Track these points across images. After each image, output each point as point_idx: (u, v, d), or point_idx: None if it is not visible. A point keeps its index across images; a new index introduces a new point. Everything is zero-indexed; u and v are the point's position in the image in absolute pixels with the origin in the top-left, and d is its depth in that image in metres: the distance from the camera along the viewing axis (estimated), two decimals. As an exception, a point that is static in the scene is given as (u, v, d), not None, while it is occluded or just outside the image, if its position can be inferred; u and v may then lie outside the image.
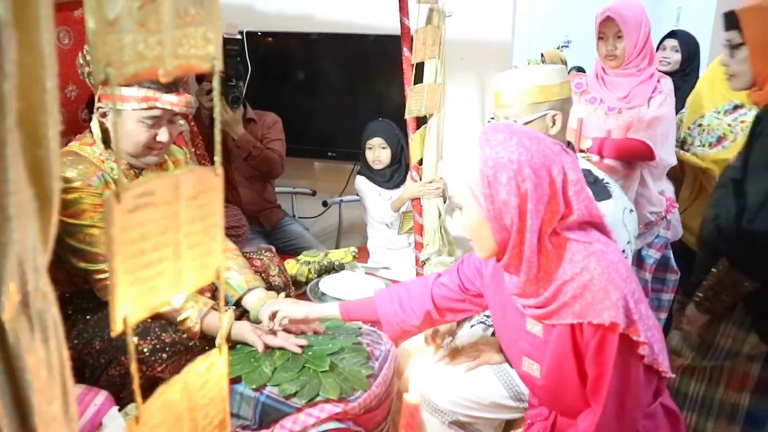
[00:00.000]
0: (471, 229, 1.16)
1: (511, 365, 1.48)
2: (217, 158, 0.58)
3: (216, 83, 0.55)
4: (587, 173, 1.48)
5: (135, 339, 1.43)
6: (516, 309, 1.24)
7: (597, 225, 1.16)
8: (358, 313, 1.53)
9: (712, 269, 1.56)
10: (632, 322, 1.06)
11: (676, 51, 2.89)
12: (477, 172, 1.09)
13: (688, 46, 2.89)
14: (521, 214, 1.08)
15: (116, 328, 0.48)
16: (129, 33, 0.45)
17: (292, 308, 1.53)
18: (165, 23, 0.49)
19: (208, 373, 0.65)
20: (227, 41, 2.36)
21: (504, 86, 1.53)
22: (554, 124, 1.50)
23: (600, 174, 1.52)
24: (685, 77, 2.83)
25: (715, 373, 1.72)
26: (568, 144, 1.59)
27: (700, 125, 2.30)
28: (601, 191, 1.46)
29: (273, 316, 1.54)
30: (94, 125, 1.52)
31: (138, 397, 0.52)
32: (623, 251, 1.46)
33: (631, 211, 1.51)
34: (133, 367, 0.51)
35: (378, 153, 2.51)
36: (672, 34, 2.92)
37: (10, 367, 0.39)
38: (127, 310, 0.49)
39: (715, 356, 1.67)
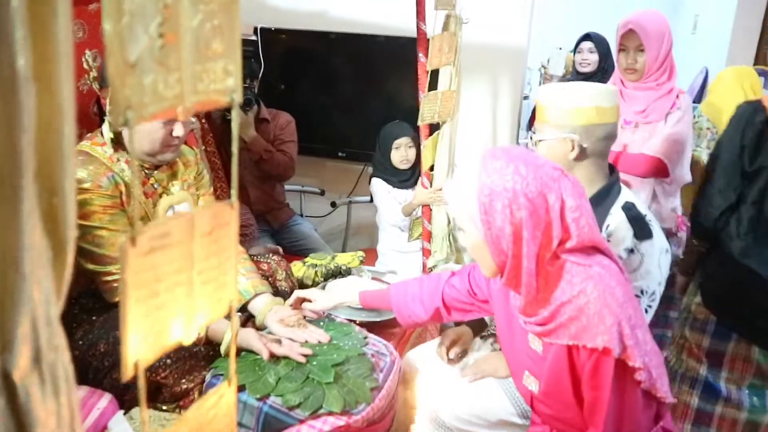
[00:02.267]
0: (472, 250, 1.21)
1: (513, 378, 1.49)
2: (234, 191, 0.56)
3: (235, 114, 0.54)
4: (631, 206, 1.45)
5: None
6: (521, 325, 1.26)
7: (600, 249, 1.17)
8: (375, 302, 1.65)
9: None
10: (627, 348, 1.07)
11: (592, 52, 3.15)
12: (474, 199, 1.13)
13: (601, 45, 3.16)
14: (516, 240, 1.11)
15: (127, 374, 0.47)
16: (149, 73, 0.44)
17: (319, 297, 1.63)
18: (185, 60, 0.47)
19: (216, 407, 0.64)
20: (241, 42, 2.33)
21: (542, 100, 1.49)
22: (573, 149, 1.45)
23: (643, 209, 1.48)
24: (603, 75, 3.05)
25: (680, 343, 2.02)
26: (612, 169, 1.54)
27: None
28: (642, 229, 1.43)
29: (299, 303, 1.63)
30: (105, 128, 1.51)
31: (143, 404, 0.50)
32: (653, 292, 1.45)
33: (667, 251, 1.48)
34: (143, 387, 0.50)
35: (406, 152, 2.49)
36: (586, 37, 3.17)
37: (20, 422, 0.38)
38: (138, 353, 0.48)
39: (683, 311, 2.04)
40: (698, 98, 3.57)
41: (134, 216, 0.71)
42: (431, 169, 2.25)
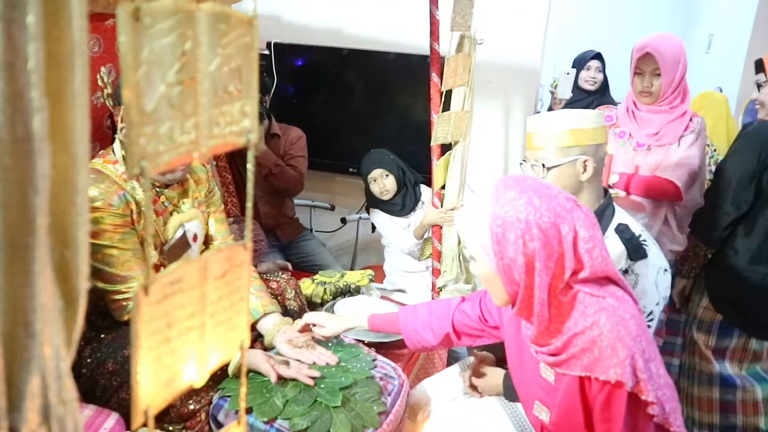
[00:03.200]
0: (484, 280, 1.19)
1: (520, 404, 1.48)
2: (248, 233, 0.56)
3: (251, 156, 0.53)
4: (624, 228, 1.46)
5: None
6: (531, 354, 1.25)
7: (613, 280, 1.16)
8: (384, 326, 1.64)
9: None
10: (640, 381, 1.06)
11: (600, 71, 3.19)
12: (486, 230, 1.11)
13: (605, 66, 3.25)
14: (529, 271, 1.10)
15: (138, 422, 0.46)
16: (165, 121, 0.43)
17: (329, 322, 1.60)
18: (202, 105, 0.47)
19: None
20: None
21: (536, 128, 1.49)
22: (585, 170, 1.45)
23: (637, 230, 1.48)
24: (603, 95, 3.19)
25: (691, 347, 2.21)
26: (605, 191, 1.55)
27: None
28: (635, 250, 1.43)
29: (307, 328, 1.61)
30: (117, 145, 1.52)
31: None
32: (650, 312, 1.44)
33: (665, 270, 1.47)
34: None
35: (383, 183, 2.45)
36: (597, 56, 3.20)
37: (26, 479, 0.37)
38: (149, 400, 0.47)
39: (689, 312, 2.21)
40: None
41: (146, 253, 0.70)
42: (443, 188, 2.24)
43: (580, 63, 3.19)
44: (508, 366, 1.48)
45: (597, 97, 3.15)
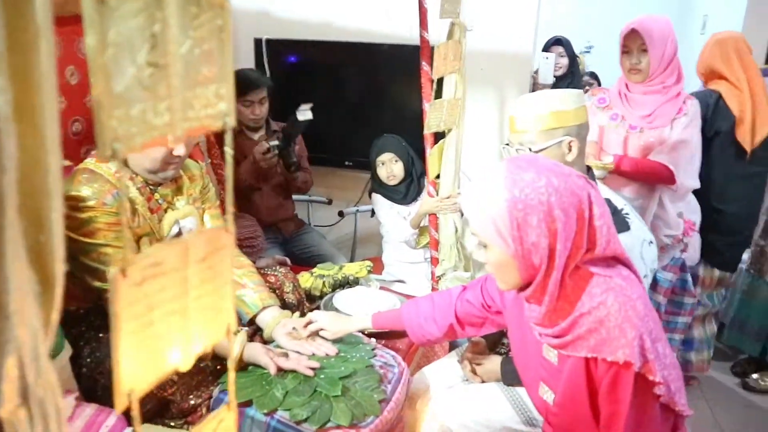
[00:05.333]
0: (496, 267, 1.15)
1: (519, 388, 1.48)
2: (229, 212, 0.56)
3: (228, 139, 0.53)
4: (607, 202, 1.45)
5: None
6: (534, 335, 1.24)
7: (620, 259, 1.15)
8: (388, 324, 1.64)
9: None
10: (648, 362, 1.05)
11: (563, 56, 3.36)
12: (505, 214, 1.07)
13: (569, 48, 3.43)
14: (551, 253, 1.08)
15: (121, 405, 0.47)
16: (137, 103, 0.43)
17: (330, 324, 1.61)
18: (175, 87, 0.47)
19: (217, 430, 0.63)
20: (297, 122, 2.39)
21: (519, 111, 1.49)
22: (570, 150, 1.46)
23: (620, 203, 1.49)
24: (573, 78, 3.40)
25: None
26: (588, 171, 1.55)
27: None
28: (619, 222, 1.43)
29: (307, 325, 1.61)
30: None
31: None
32: None
33: (651, 242, 1.47)
34: (137, 418, 0.49)
35: (391, 168, 2.47)
36: (558, 42, 3.38)
37: (7, 461, 0.37)
38: (132, 384, 0.47)
39: None
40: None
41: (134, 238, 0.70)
42: (437, 177, 2.24)
43: (545, 48, 3.22)
44: (511, 348, 1.48)
45: (568, 80, 3.26)
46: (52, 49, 0.38)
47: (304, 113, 2.36)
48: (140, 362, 0.48)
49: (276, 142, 2.46)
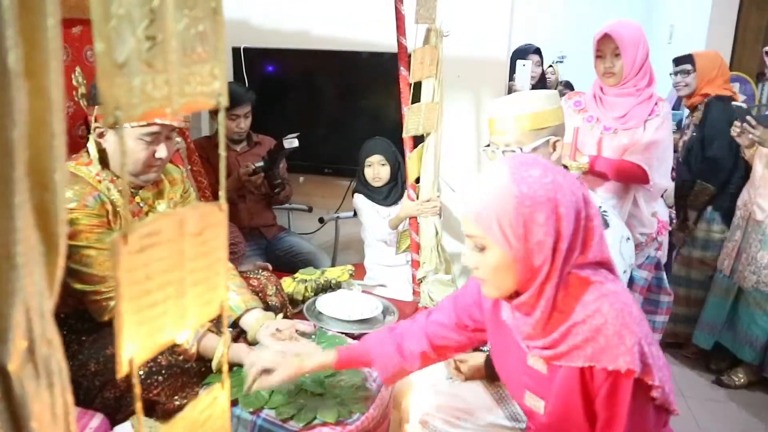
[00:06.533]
0: (494, 270, 1.10)
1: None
2: (222, 193, 0.57)
3: (221, 117, 0.55)
4: None
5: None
6: (517, 343, 1.21)
7: (605, 264, 1.13)
8: (351, 363, 1.42)
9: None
10: (647, 367, 1.04)
11: (539, 65, 3.46)
12: (512, 211, 1.04)
13: (543, 61, 3.58)
14: (554, 253, 1.05)
15: (122, 370, 0.48)
16: (137, 74, 0.45)
17: (277, 365, 1.35)
18: (172, 62, 0.49)
19: (211, 408, 0.64)
20: (283, 149, 2.50)
21: (499, 113, 1.52)
22: (555, 149, 1.49)
23: (597, 202, 1.52)
24: (543, 85, 3.53)
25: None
26: (564, 169, 1.59)
27: None
28: None
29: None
30: (91, 145, 1.52)
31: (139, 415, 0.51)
32: None
33: (628, 239, 1.51)
34: (137, 391, 0.50)
35: (377, 170, 2.51)
36: (537, 51, 3.45)
37: (14, 416, 0.38)
38: (132, 351, 0.48)
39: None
40: (676, 106, 3.65)
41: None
42: (417, 181, 2.27)
43: (521, 54, 3.27)
44: (492, 357, 1.46)
45: (539, 88, 3.30)
46: (58, 11, 0.39)
47: (291, 141, 2.44)
48: (139, 330, 0.49)
49: (261, 164, 2.52)
